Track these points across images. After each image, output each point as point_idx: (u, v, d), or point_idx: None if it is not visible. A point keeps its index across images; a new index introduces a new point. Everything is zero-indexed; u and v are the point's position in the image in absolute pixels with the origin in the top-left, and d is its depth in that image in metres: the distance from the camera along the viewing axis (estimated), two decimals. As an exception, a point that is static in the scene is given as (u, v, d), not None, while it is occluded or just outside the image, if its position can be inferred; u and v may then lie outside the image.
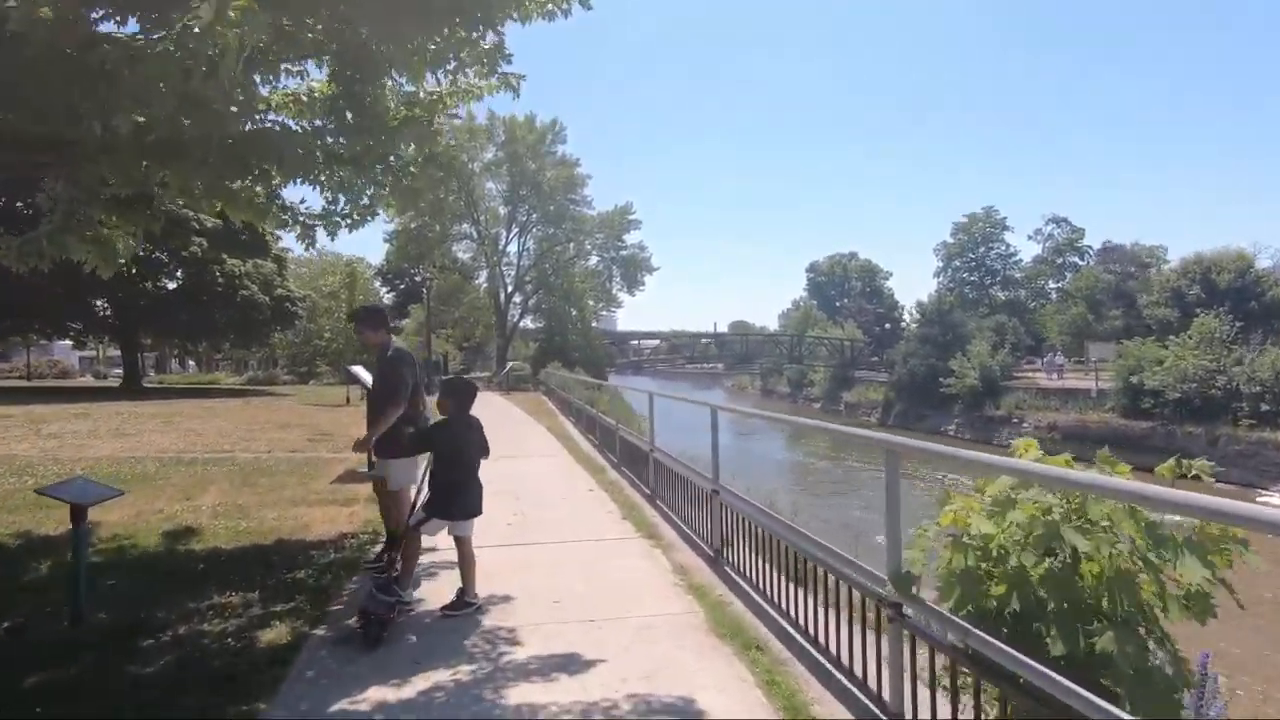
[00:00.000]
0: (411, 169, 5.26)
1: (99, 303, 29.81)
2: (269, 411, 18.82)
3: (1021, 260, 60.57)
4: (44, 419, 15.35)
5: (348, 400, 23.96)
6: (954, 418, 42.17)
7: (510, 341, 47.55)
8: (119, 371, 53.03)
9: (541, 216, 46.10)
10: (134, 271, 28.93)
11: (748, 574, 4.35)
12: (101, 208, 5.05)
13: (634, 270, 49.17)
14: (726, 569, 4.77)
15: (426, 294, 35.76)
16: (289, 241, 42.33)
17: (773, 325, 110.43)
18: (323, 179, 4.97)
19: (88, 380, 44.75)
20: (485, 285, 47.74)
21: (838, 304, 79.22)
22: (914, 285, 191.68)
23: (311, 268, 46.64)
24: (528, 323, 51.57)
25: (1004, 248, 60.68)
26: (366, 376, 6.09)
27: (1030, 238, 60.37)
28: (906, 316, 66.31)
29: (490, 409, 22.92)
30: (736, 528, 4.62)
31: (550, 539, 5.81)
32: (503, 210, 47.36)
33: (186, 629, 3.85)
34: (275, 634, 3.77)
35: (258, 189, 5.14)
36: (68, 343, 46.34)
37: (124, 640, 3.67)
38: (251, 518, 6.41)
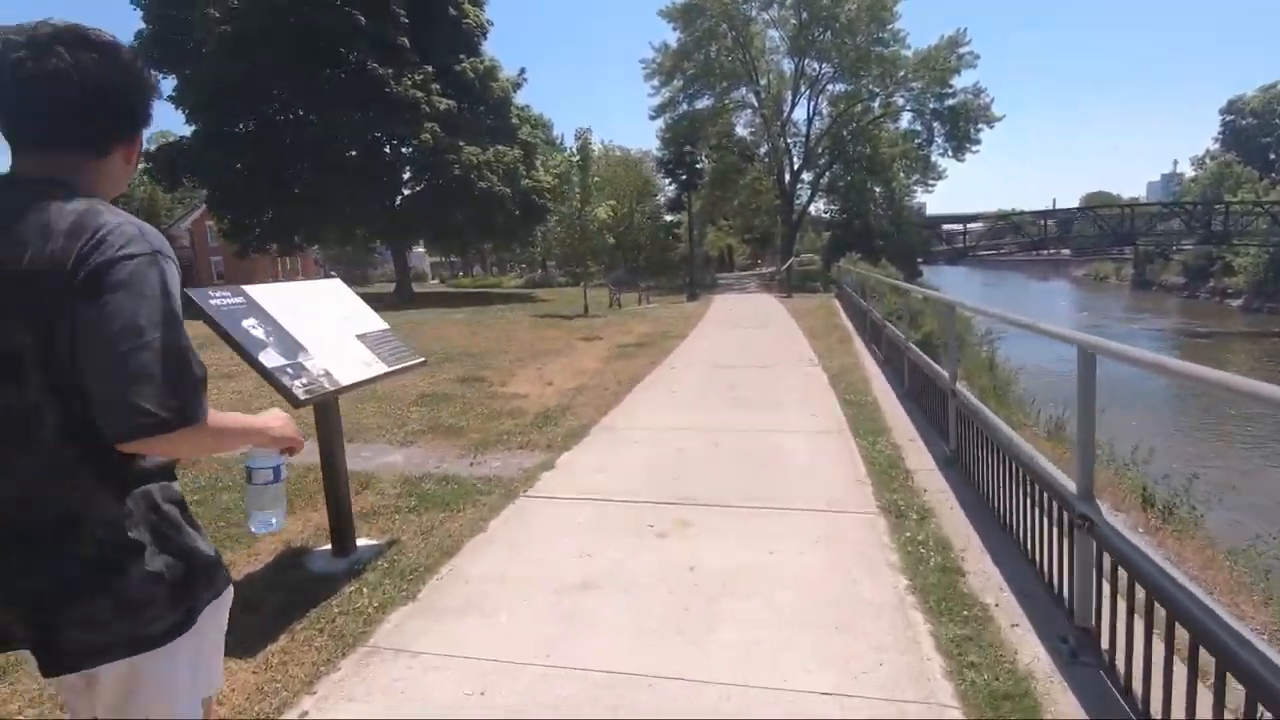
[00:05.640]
0: None
1: (376, 208, 29.20)
2: (470, 331, 14.40)
3: None
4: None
5: (585, 310, 19.33)
6: None
7: (799, 230, 39.36)
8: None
9: (839, 64, 35.62)
10: (380, 168, 27.19)
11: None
12: None
13: (965, 124, 36.50)
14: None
15: (693, 179, 29.43)
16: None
17: (1142, 198, 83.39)
18: None
19: (421, 286, 46.59)
20: (767, 162, 39.52)
21: (1273, 155, 56.96)
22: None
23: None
24: (820, 206, 42.65)
25: None
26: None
27: None
28: None
29: (742, 323, 14.62)
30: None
31: None
32: (788, 66, 37.98)
33: None
34: None
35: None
36: (421, 249, 48.79)
37: None
38: None
